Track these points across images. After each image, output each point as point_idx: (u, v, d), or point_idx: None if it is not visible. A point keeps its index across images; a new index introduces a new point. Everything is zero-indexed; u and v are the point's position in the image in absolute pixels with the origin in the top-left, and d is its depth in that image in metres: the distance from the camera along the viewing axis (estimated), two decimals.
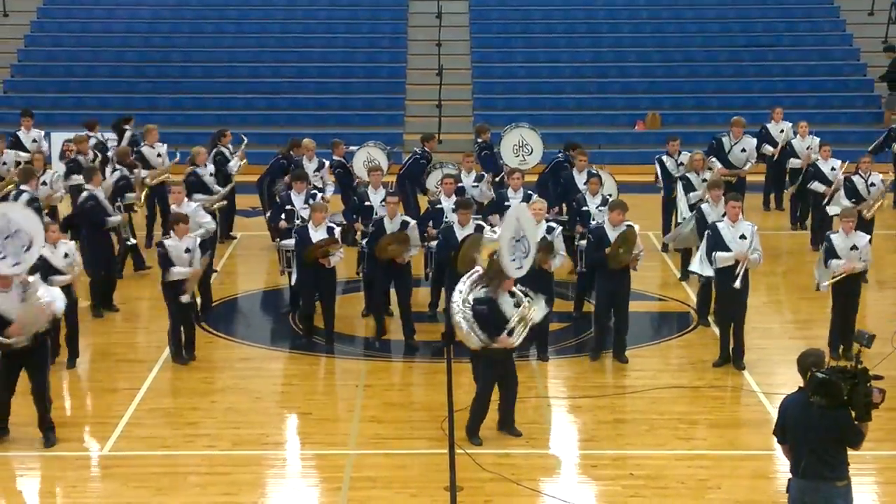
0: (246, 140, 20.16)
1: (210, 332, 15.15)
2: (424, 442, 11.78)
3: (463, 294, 11.68)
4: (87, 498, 10.76)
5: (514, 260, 11.60)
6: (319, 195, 16.49)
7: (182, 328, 13.92)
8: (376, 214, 15.01)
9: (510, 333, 11.45)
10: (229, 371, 13.91)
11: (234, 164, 19.12)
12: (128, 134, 20.78)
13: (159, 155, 18.96)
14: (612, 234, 13.72)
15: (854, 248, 13.78)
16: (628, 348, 14.11)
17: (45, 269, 13.05)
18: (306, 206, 15.31)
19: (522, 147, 19.57)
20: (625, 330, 14.02)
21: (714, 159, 19.25)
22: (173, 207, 15.32)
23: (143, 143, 19.24)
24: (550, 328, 14.23)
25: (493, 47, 29.64)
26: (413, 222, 14.73)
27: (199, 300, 14.95)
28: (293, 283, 15.13)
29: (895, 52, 27.24)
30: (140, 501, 10.58)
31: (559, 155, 18.91)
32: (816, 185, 18.41)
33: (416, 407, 12.81)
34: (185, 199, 15.47)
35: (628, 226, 13.77)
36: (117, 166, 17.76)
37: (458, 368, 13.54)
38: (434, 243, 14.74)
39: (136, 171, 17.81)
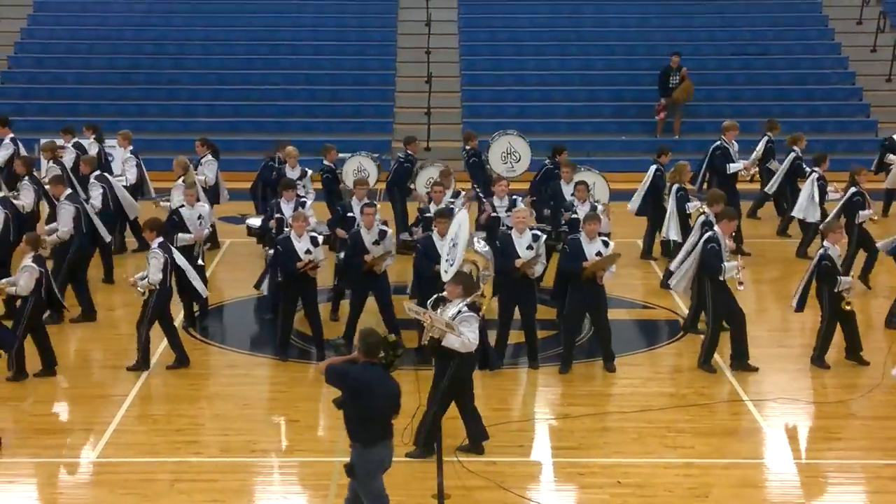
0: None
1: (198, 338, 15.13)
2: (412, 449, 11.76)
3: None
4: None
5: (447, 260, 11.66)
6: (308, 202, 16.49)
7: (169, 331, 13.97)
8: (358, 226, 14.83)
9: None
10: (217, 378, 13.90)
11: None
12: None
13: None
14: (588, 247, 13.71)
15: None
16: (616, 356, 14.10)
17: None
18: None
19: (510, 154, 19.61)
20: (608, 339, 13.99)
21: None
22: (183, 209, 15.60)
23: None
24: (539, 336, 14.26)
25: (482, 55, 29.65)
26: (391, 231, 14.70)
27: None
28: (268, 290, 15.16)
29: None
30: None
31: (547, 162, 18.95)
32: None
33: (402, 414, 12.74)
34: (197, 202, 15.89)
35: (605, 242, 13.87)
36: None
37: None
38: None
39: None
